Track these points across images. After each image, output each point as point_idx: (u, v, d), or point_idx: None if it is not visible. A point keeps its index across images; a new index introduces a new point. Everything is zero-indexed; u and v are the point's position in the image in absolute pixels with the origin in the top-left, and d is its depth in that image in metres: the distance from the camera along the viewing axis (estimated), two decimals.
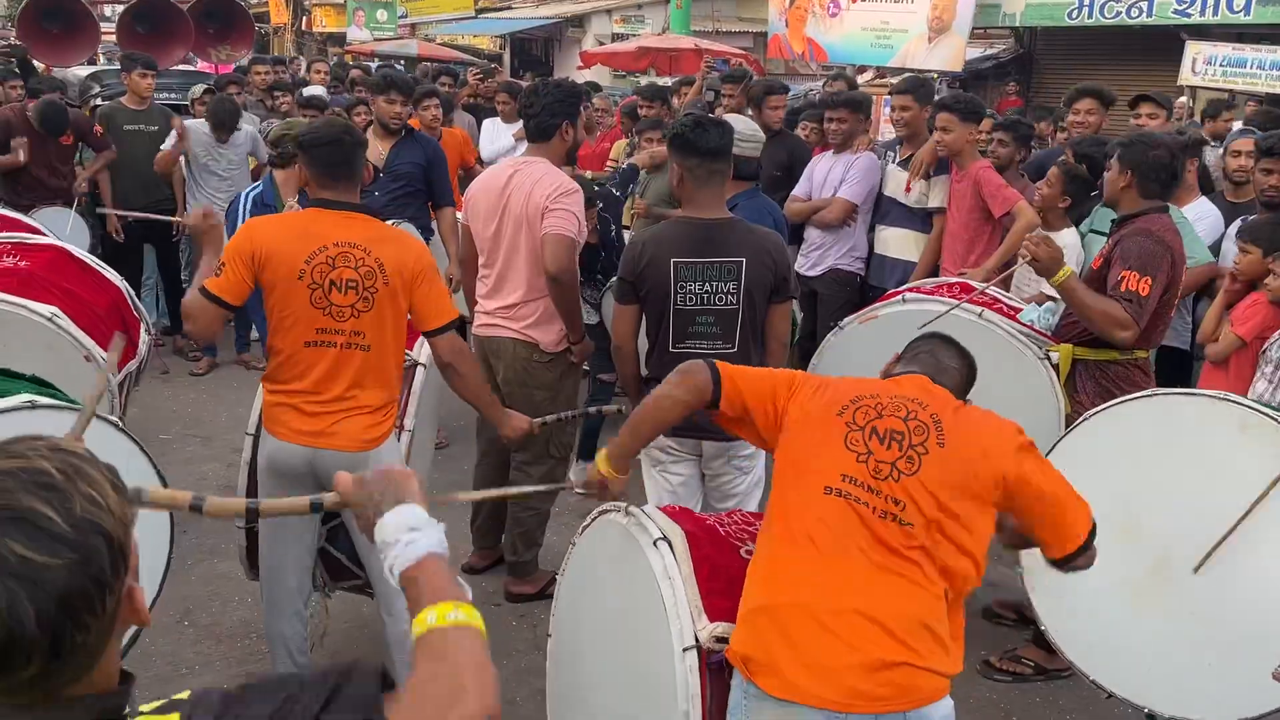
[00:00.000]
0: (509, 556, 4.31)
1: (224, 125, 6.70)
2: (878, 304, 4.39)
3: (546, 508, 4.28)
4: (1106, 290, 3.60)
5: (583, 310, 4.84)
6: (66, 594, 1.00)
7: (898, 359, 2.57)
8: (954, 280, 4.49)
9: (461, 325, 3.75)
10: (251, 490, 3.30)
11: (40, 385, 3.13)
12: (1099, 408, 3.18)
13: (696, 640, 2.23)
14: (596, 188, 5.27)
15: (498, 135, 7.94)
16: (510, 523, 4.28)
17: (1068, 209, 4.66)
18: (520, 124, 7.91)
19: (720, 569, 2.36)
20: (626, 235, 5.04)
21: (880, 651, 2.05)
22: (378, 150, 5.69)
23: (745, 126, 4.22)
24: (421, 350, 3.61)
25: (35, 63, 10.58)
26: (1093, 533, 2.27)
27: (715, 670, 2.24)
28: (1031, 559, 3.16)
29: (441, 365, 3.21)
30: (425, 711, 1.12)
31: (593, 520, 2.69)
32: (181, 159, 6.72)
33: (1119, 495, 2.99)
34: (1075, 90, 5.88)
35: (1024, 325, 3.95)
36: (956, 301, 3.97)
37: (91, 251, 5.30)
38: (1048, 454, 3.17)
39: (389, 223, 3.78)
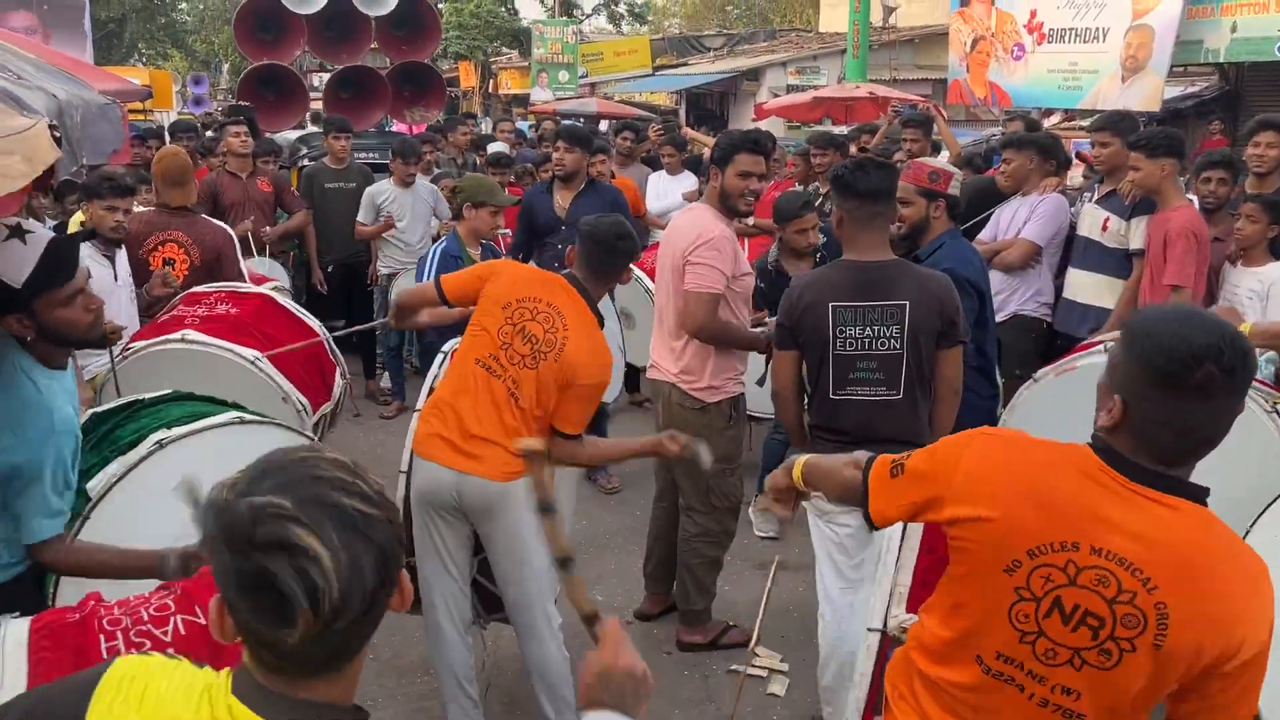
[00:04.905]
0: (681, 604, 4.28)
1: (407, 157, 7.09)
2: (1075, 354, 4.02)
3: (719, 555, 4.22)
4: None
5: None
6: (385, 547, 1.11)
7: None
8: None
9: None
10: (406, 526, 3.42)
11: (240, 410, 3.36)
12: None
13: (884, 625, 2.15)
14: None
15: (665, 191, 8.10)
16: (681, 569, 4.24)
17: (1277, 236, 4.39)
18: (686, 178, 8.11)
19: (939, 562, 2.22)
20: None
21: None
22: (559, 201, 5.88)
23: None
24: None
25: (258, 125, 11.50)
26: None
27: None
28: None
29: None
30: None
31: None
32: (373, 212, 7.13)
33: None
34: (1256, 122, 5.55)
35: None
36: None
37: (294, 299, 5.67)
38: (1268, 506, 2.89)
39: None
